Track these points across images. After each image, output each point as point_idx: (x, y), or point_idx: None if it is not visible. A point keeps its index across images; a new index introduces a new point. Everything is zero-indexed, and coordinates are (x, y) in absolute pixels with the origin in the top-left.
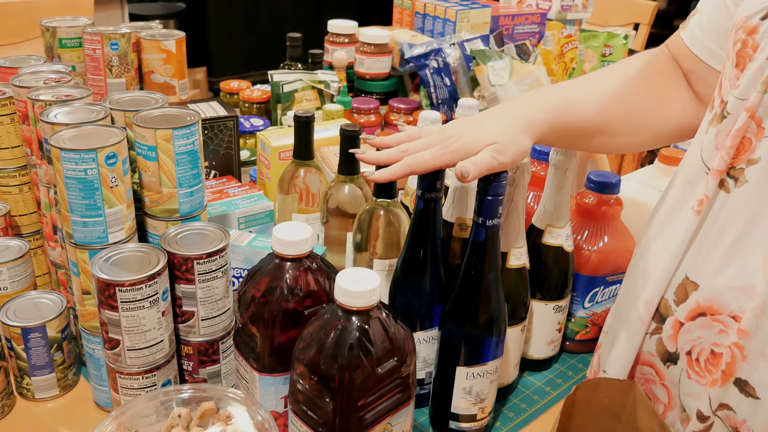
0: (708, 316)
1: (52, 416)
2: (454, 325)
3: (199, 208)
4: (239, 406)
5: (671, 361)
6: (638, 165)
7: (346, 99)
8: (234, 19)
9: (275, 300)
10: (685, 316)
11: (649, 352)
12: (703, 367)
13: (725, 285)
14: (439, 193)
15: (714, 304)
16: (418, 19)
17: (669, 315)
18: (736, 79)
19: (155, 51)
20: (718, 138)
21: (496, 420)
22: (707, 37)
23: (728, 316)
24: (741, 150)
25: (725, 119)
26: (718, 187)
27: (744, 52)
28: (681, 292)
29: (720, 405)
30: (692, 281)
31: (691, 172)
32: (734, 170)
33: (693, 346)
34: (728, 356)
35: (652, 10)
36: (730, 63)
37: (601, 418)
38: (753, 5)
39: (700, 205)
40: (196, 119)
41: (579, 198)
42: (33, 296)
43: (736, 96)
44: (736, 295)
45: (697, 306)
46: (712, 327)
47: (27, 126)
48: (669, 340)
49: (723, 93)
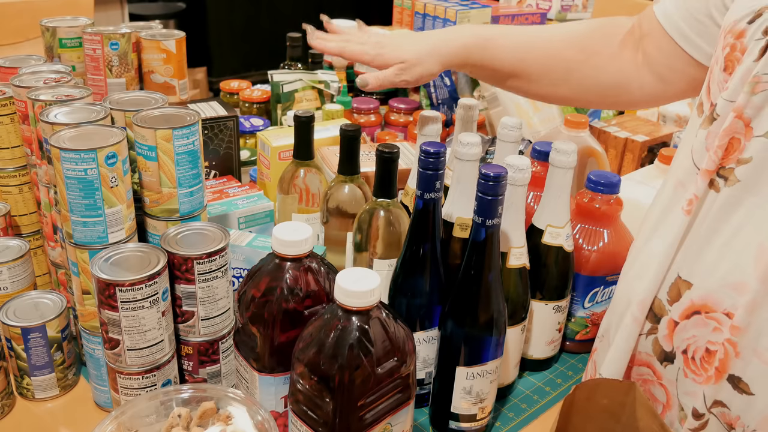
0: (702, 314)
1: (52, 416)
2: (454, 325)
3: (199, 208)
4: (239, 406)
5: (668, 360)
6: (638, 165)
7: (346, 99)
8: (234, 19)
9: (275, 300)
10: (680, 315)
11: (646, 353)
12: (698, 365)
13: (719, 283)
14: (438, 193)
15: (708, 302)
16: (418, 19)
17: (663, 315)
18: (724, 82)
19: (155, 51)
20: (709, 139)
21: (496, 420)
22: (679, 14)
23: (722, 313)
24: (730, 150)
25: (715, 121)
26: (708, 187)
27: (732, 56)
28: (674, 291)
29: (714, 402)
30: (685, 280)
31: (682, 173)
32: (724, 170)
33: (688, 344)
34: (721, 353)
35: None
36: (719, 67)
37: (600, 418)
38: (740, 9)
39: (690, 204)
40: (196, 119)
41: (579, 198)
42: (33, 296)
43: (724, 98)
44: (729, 293)
45: (692, 304)
46: (706, 325)
47: (27, 126)
48: (665, 340)
49: (712, 96)
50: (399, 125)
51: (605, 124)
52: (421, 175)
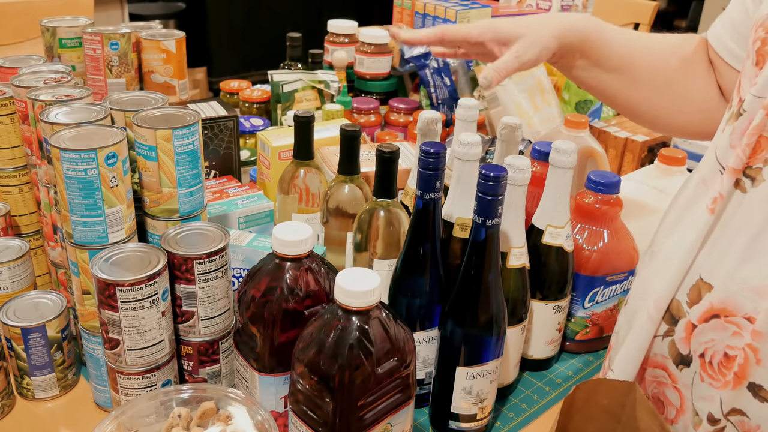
0: (722, 318)
1: (52, 416)
2: (454, 325)
3: (199, 208)
4: (239, 406)
5: (684, 363)
6: (638, 165)
7: (346, 99)
8: (234, 19)
9: (275, 300)
10: (698, 318)
11: (661, 355)
12: (716, 369)
13: (740, 286)
14: (438, 193)
15: (728, 305)
16: (418, 19)
17: (681, 317)
18: (755, 77)
19: (155, 51)
20: (734, 136)
21: (496, 420)
22: (727, 35)
23: (743, 317)
24: (758, 149)
25: (741, 117)
26: (734, 187)
27: (763, 50)
28: (694, 293)
29: (732, 410)
30: (706, 282)
31: (706, 170)
32: (751, 170)
33: (706, 348)
34: (741, 358)
35: (652, 10)
36: (750, 61)
37: (600, 419)
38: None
39: (714, 203)
40: (196, 119)
41: (579, 198)
42: (33, 296)
43: (753, 93)
44: (751, 296)
45: (711, 307)
46: (725, 329)
47: (27, 126)
48: (681, 343)
49: (742, 92)
50: (399, 125)
51: (605, 124)
52: (421, 175)
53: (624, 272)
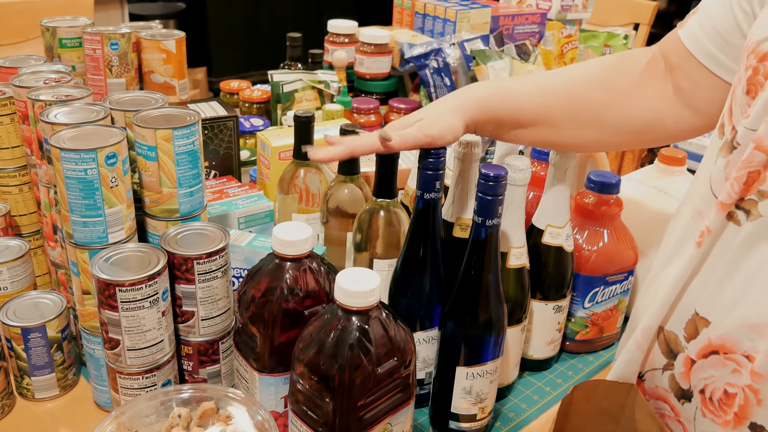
0: (721, 355)
1: (52, 416)
2: (454, 325)
3: (199, 208)
4: (239, 406)
5: (685, 398)
6: (638, 165)
7: (346, 99)
8: (234, 19)
9: (275, 300)
10: (697, 354)
11: (663, 388)
12: (717, 406)
13: (738, 323)
14: (438, 193)
15: (726, 342)
16: (418, 19)
17: (680, 351)
18: (747, 106)
19: (155, 51)
20: (728, 169)
21: (496, 420)
22: (707, 37)
23: (741, 355)
24: (750, 182)
25: (735, 150)
26: (727, 219)
27: (755, 80)
28: (691, 328)
29: None
30: (703, 317)
31: (700, 201)
32: (744, 202)
33: (706, 384)
34: (741, 398)
35: (652, 10)
36: (741, 89)
37: (599, 420)
38: (765, 28)
39: (701, 236)
40: (196, 119)
41: (579, 198)
42: (33, 296)
43: (746, 126)
44: (748, 334)
45: (709, 343)
46: (725, 366)
47: (27, 126)
48: (681, 377)
49: (734, 120)
50: None
51: None
52: (421, 175)
53: (624, 272)
